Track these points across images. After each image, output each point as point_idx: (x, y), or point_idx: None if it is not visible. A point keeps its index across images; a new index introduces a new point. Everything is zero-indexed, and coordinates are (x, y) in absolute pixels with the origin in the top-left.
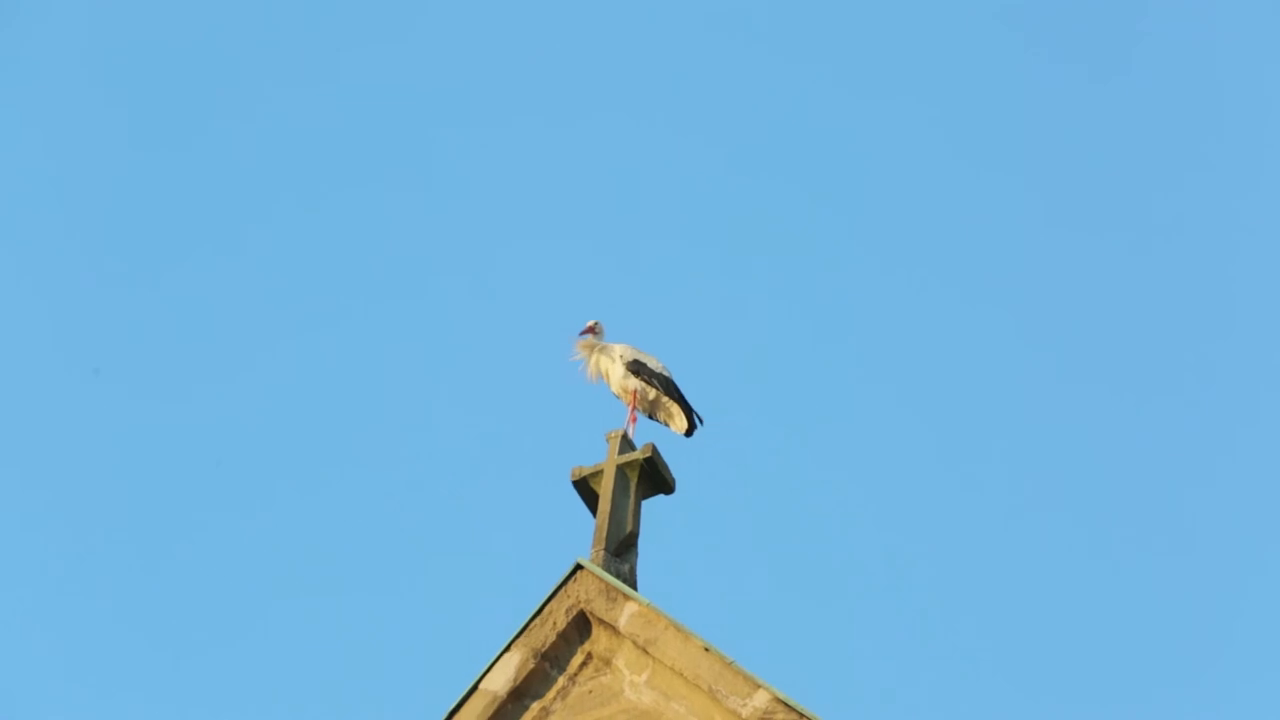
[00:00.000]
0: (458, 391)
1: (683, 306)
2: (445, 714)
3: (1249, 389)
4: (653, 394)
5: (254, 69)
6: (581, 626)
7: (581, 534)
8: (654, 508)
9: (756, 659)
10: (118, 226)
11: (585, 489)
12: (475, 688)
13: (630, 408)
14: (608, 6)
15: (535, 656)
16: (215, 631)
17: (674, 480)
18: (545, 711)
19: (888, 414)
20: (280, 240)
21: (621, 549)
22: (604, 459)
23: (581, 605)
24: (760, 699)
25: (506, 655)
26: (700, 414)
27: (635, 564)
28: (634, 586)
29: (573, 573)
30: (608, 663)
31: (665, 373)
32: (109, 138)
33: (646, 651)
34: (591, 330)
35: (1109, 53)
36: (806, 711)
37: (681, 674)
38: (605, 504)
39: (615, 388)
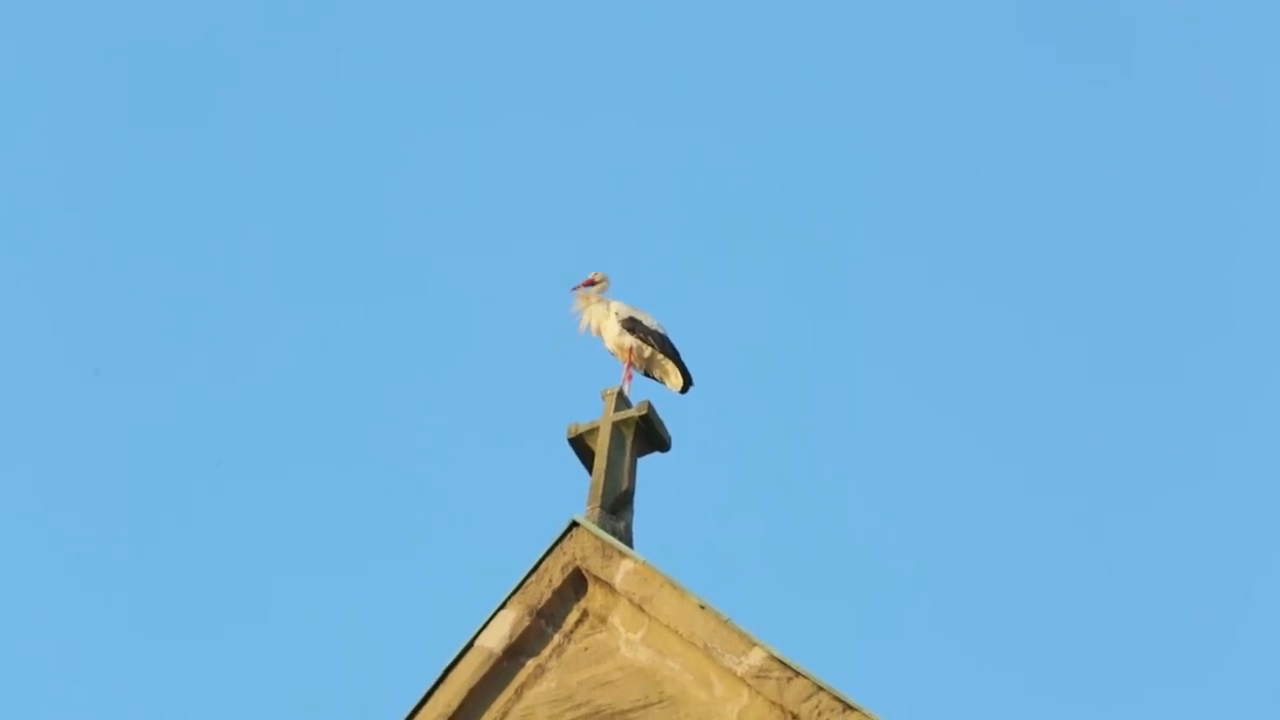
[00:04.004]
0: (452, 349)
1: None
2: (441, 671)
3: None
4: (648, 351)
5: (255, 66)
6: (577, 584)
7: (577, 491)
8: (650, 465)
9: (752, 617)
10: (118, 225)
11: (581, 446)
12: (471, 645)
13: (626, 365)
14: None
15: (531, 614)
16: (215, 624)
17: (670, 438)
18: (541, 669)
19: (883, 382)
20: (280, 238)
21: (617, 506)
22: (600, 416)
23: (577, 562)
24: (756, 656)
25: (502, 613)
26: (694, 379)
27: (631, 522)
28: (630, 544)
29: (568, 530)
30: (603, 620)
31: (661, 330)
32: (108, 135)
33: (642, 609)
34: (592, 282)
35: (1113, 50)
36: (802, 669)
37: (677, 631)
38: (601, 461)
39: (610, 344)
